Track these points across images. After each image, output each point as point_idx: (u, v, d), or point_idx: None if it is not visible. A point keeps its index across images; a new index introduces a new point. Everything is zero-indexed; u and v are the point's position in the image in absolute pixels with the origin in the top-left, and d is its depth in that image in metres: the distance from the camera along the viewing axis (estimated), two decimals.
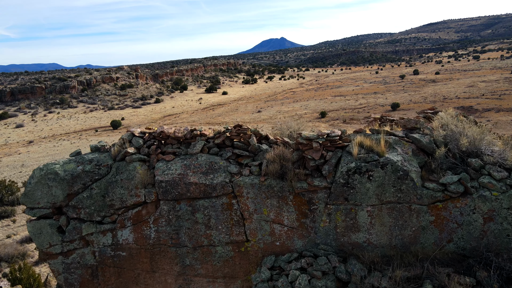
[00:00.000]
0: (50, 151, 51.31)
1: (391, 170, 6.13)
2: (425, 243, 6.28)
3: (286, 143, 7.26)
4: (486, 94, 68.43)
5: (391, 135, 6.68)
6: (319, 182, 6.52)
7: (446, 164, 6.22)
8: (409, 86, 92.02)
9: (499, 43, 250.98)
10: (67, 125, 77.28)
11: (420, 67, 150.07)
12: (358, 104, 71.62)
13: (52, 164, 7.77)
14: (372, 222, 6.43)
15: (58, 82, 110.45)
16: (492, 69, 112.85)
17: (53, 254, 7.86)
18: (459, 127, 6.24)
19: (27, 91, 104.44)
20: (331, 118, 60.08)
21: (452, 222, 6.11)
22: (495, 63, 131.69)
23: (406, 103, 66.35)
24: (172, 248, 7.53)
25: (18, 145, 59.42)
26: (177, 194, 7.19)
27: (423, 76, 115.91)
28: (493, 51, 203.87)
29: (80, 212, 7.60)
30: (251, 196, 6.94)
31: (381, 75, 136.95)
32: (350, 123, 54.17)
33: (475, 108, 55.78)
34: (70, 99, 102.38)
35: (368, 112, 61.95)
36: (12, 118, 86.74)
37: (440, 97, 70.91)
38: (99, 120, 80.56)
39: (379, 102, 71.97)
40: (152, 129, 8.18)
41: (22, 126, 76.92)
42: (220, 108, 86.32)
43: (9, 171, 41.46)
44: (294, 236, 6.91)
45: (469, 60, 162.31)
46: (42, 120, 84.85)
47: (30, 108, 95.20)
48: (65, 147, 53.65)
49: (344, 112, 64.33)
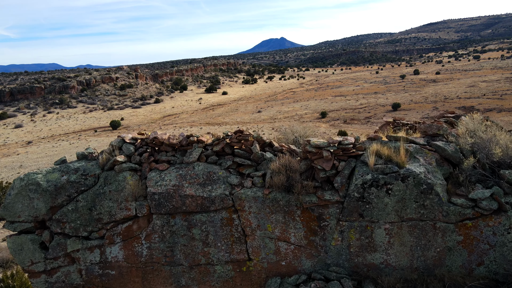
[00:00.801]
0: (49, 151, 50.61)
1: (413, 183, 5.40)
2: (452, 266, 5.55)
3: (292, 151, 6.53)
4: (487, 94, 67.75)
5: (411, 143, 5.95)
6: (331, 196, 5.79)
7: (475, 177, 5.49)
8: (409, 86, 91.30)
9: (499, 43, 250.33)
10: (66, 125, 76.57)
11: (421, 67, 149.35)
12: (359, 104, 70.90)
13: (34, 173, 7.03)
14: (391, 242, 5.70)
15: (58, 82, 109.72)
16: (492, 69, 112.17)
17: (35, 272, 7.13)
18: (489, 134, 5.52)
19: (27, 91, 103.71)
20: (332, 118, 59.37)
21: (483, 242, 5.39)
22: (496, 63, 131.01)
23: (407, 103, 65.63)
24: (166, 267, 6.81)
25: (17, 146, 58.72)
26: (171, 208, 6.47)
27: (423, 76, 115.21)
28: (494, 51, 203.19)
29: (65, 226, 6.88)
30: (254, 210, 6.21)
31: (382, 75, 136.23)
32: (351, 123, 53.47)
33: (476, 108, 55.08)
34: (70, 99, 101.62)
35: (369, 112, 61.26)
36: (11, 118, 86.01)
37: (441, 97, 70.21)
38: (98, 121, 79.85)
39: (380, 102, 71.25)
40: (145, 134, 7.45)
41: (21, 127, 76.20)
42: (220, 108, 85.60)
43: (7, 172, 40.77)
44: (302, 256, 6.19)
45: (469, 60, 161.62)
46: (41, 120, 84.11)
47: (29, 108, 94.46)
48: (64, 147, 52.94)
49: (345, 112, 63.62)
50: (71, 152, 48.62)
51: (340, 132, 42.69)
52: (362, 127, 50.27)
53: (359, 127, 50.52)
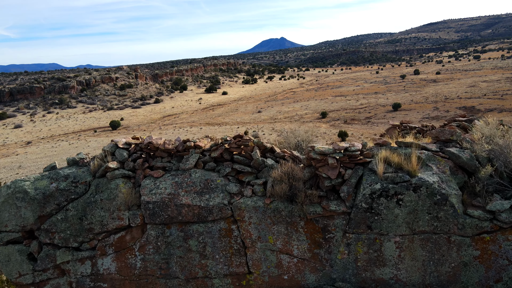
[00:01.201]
0: (48, 152, 50.20)
1: (426, 194, 5.02)
2: (467, 283, 5.17)
3: (295, 157, 6.14)
4: (488, 94, 67.31)
5: (423, 149, 5.55)
6: (336, 206, 5.40)
7: (492, 186, 5.11)
8: (410, 86, 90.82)
9: (500, 42, 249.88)
10: (66, 125, 76.16)
11: (421, 67, 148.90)
12: (359, 104, 70.44)
13: (21, 180, 6.65)
14: (401, 256, 5.31)
15: (57, 82, 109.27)
16: (493, 69, 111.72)
17: (23, 285, 6.75)
18: (507, 140, 5.13)
19: (26, 91, 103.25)
20: (332, 119, 58.94)
21: (502, 258, 5.00)
22: (496, 63, 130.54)
23: (408, 103, 65.19)
24: (162, 280, 6.42)
25: (16, 146, 58.32)
26: (166, 218, 6.08)
27: (423, 76, 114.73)
28: (494, 51, 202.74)
29: (54, 236, 6.49)
30: (254, 221, 5.82)
31: (382, 75, 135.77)
32: (351, 123, 53.04)
33: (477, 109, 54.66)
34: (69, 99, 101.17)
35: (369, 112, 60.85)
36: (10, 118, 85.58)
37: (442, 97, 69.78)
38: (98, 121, 79.43)
39: (380, 102, 70.81)
40: (139, 139, 7.05)
41: (21, 127, 75.79)
42: (220, 108, 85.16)
43: (6, 172, 40.36)
44: (306, 269, 5.80)
45: (469, 60, 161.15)
46: (41, 120, 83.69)
47: (29, 108, 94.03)
48: (64, 148, 52.53)
49: (345, 112, 63.18)
50: (71, 152, 48.23)
51: (340, 133, 42.29)
52: (363, 127, 49.91)
53: (359, 127, 50.16)
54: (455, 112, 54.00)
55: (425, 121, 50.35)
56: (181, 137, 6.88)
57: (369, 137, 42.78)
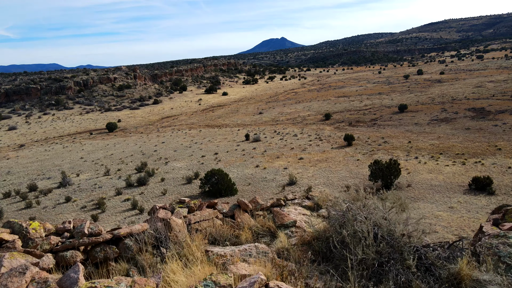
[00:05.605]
0: (40, 156, 48.38)
1: None
2: None
3: None
4: (497, 94, 65.43)
5: None
6: None
7: None
8: (414, 87, 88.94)
9: (502, 42, 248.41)
10: (62, 127, 74.41)
11: (424, 67, 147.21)
12: (363, 106, 68.56)
13: None
14: None
15: (54, 83, 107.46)
16: (498, 69, 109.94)
17: None
18: None
19: (22, 92, 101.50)
20: (336, 120, 57.05)
21: None
22: (501, 62, 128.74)
23: (414, 104, 63.29)
24: None
25: (8, 149, 56.51)
26: None
27: (427, 76, 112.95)
28: (496, 50, 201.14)
29: None
30: None
31: (384, 75, 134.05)
32: (357, 125, 51.07)
33: (487, 110, 52.71)
34: (66, 100, 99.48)
35: (374, 114, 58.92)
36: (5, 120, 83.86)
37: (448, 98, 67.92)
38: (95, 122, 77.66)
39: (385, 103, 68.95)
40: None
41: (15, 129, 74.06)
42: (220, 110, 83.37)
43: None
44: None
45: (473, 60, 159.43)
46: (36, 122, 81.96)
47: (25, 109, 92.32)
48: (57, 151, 50.70)
49: (349, 114, 61.32)
50: (64, 156, 46.43)
51: (346, 136, 40.34)
52: (369, 130, 47.98)
53: (365, 130, 48.22)
54: (464, 114, 51.90)
55: (434, 124, 48.19)
56: (180, 140, 4.98)
57: (376, 141, 40.66)
